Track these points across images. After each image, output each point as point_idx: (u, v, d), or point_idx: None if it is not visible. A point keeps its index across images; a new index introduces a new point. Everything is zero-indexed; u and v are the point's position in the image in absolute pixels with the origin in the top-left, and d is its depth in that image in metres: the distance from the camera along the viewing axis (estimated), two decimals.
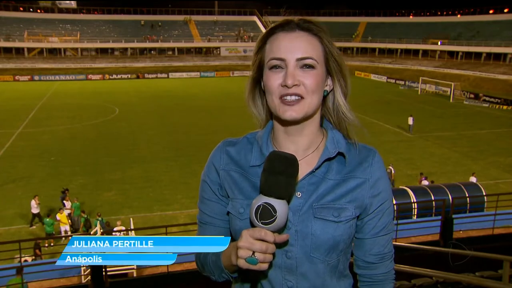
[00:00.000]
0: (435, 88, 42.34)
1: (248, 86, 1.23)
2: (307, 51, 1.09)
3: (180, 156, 19.52)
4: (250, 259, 0.97)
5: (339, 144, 1.18)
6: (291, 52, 1.08)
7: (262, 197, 1.00)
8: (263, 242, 0.98)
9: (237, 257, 1.00)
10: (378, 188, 1.18)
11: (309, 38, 1.10)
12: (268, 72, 1.11)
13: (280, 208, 0.99)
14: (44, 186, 15.93)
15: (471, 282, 4.46)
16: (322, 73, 1.12)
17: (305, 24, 1.11)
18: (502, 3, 55.71)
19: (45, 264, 7.44)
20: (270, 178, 0.99)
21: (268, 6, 73.31)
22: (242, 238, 0.99)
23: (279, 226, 1.00)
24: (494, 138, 23.53)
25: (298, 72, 1.08)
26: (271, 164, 1.00)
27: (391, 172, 15.62)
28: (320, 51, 1.12)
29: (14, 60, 54.19)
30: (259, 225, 0.99)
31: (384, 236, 1.22)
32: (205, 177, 1.26)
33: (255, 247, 0.97)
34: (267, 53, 1.12)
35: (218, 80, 51.88)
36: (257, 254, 0.97)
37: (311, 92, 1.09)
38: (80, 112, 30.36)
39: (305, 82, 1.08)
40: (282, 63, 1.09)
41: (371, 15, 70.49)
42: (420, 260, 6.44)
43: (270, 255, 0.99)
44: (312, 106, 1.11)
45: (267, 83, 1.12)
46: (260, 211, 0.99)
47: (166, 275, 7.22)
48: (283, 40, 1.10)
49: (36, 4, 64.81)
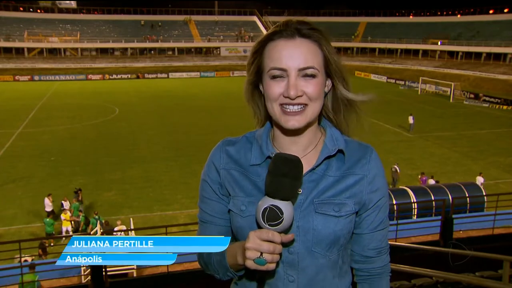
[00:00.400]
0: (435, 88, 42.35)
1: (246, 89, 1.24)
2: (308, 61, 1.09)
3: (180, 156, 19.53)
4: (258, 260, 0.99)
5: (338, 142, 1.20)
6: (292, 61, 1.08)
7: (268, 199, 1.02)
8: (271, 243, 1.00)
9: (244, 258, 1.02)
10: (376, 184, 1.21)
11: (309, 46, 1.11)
12: (269, 81, 1.12)
13: (286, 209, 1.01)
14: (44, 186, 15.92)
15: (471, 282, 4.46)
16: (322, 80, 1.14)
17: (305, 31, 1.11)
18: (502, 3, 55.75)
19: (45, 264, 7.44)
20: (275, 180, 1.01)
21: (268, 6, 73.37)
22: (249, 239, 1.01)
23: (286, 227, 1.02)
24: (494, 138, 23.54)
25: (300, 82, 1.09)
26: (276, 167, 1.02)
27: (396, 171, 15.79)
28: (320, 58, 1.12)
29: (14, 60, 54.20)
30: (266, 227, 1.01)
31: (381, 230, 1.25)
32: (205, 176, 1.27)
33: (263, 248, 0.99)
34: (267, 61, 1.12)
35: (218, 80, 51.88)
36: (265, 255, 0.99)
37: (314, 99, 1.11)
38: (80, 112, 30.36)
39: (307, 91, 1.09)
40: (283, 73, 1.09)
41: (371, 15, 70.51)
42: (420, 260, 6.44)
43: (277, 255, 1.01)
44: (315, 113, 1.13)
45: (267, 91, 1.12)
46: (267, 213, 1.00)
47: (166, 275, 7.22)
48: (283, 49, 1.10)
49: (36, 4, 64.82)
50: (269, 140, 1.22)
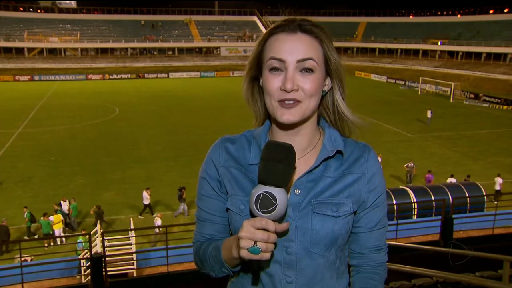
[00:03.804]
0: (435, 88, 42.36)
1: (245, 83, 1.23)
2: (308, 52, 1.09)
3: (180, 156, 19.53)
4: (252, 249, 0.97)
5: (337, 142, 1.20)
6: (291, 54, 1.08)
7: (261, 186, 1.00)
8: (265, 231, 0.98)
9: (238, 248, 1.00)
10: (374, 183, 1.21)
11: (310, 41, 1.11)
12: (268, 73, 1.11)
13: (280, 196, 0.99)
14: (44, 186, 15.93)
15: (471, 282, 4.46)
16: (321, 76, 1.13)
17: (307, 26, 1.11)
18: (502, 3, 55.77)
19: (45, 264, 7.43)
20: (268, 167, 0.99)
21: (268, 6, 73.34)
22: (243, 228, 0.99)
23: (280, 214, 1.00)
24: (494, 138, 23.54)
25: (297, 77, 1.09)
26: (268, 153, 1.00)
27: (412, 168, 16.43)
28: (320, 54, 1.12)
29: (14, 60, 54.20)
30: (259, 215, 0.99)
31: (379, 229, 1.25)
32: (204, 173, 1.25)
33: (257, 236, 0.97)
34: (267, 52, 1.12)
35: (218, 80, 51.88)
36: (259, 244, 0.97)
37: (309, 96, 1.10)
38: (80, 112, 30.37)
39: (304, 87, 1.09)
40: (281, 64, 1.09)
41: (371, 15, 70.55)
42: (420, 260, 6.44)
43: (271, 244, 0.99)
44: (310, 109, 1.12)
45: (266, 84, 1.12)
46: (260, 200, 0.98)
47: (166, 275, 7.21)
48: (284, 41, 1.10)
49: (36, 4, 64.83)
50: (268, 139, 1.21)
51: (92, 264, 6.88)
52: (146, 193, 13.53)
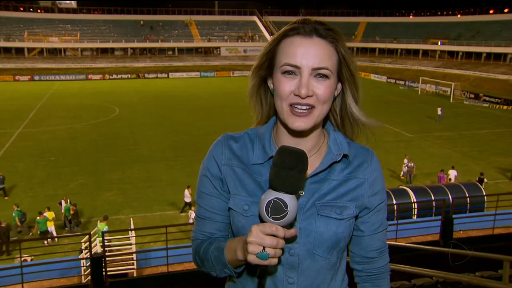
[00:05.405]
0: (435, 88, 42.34)
1: (253, 80, 1.22)
2: (323, 61, 1.07)
3: (180, 156, 19.53)
4: (261, 255, 0.97)
5: (342, 146, 1.19)
6: (306, 60, 1.06)
7: (272, 192, 0.99)
8: (274, 237, 0.98)
9: (245, 252, 1.00)
10: (377, 187, 1.22)
11: (325, 46, 1.09)
12: (281, 76, 1.09)
13: (291, 203, 0.98)
14: (44, 186, 15.93)
15: (471, 282, 4.46)
16: (334, 83, 1.12)
17: (323, 31, 1.09)
18: (502, 3, 55.73)
19: (45, 264, 7.43)
20: (280, 173, 0.98)
21: (268, 6, 73.21)
22: (252, 233, 0.98)
23: (289, 221, 1.00)
24: (494, 138, 23.53)
25: (312, 82, 1.07)
26: (282, 159, 0.99)
27: (412, 168, 16.36)
28: (334, 61, 1.11)
29: (14, 60, 54.18)
30: (269, 221, 0.99)
31: (381, 232, 1.27)
32: (206, 171, 1.23)
33: (266, 242, 0.97)
34: (281, 56, 1.10)
35: (218, 80, 51.87)
36: (267, 249, 0.97)
37: (323, 102, 1.09)
38: (80, 112, 30.36)
39: (318, 93, 1.08)
40: (296, 70, 1.07)
41: (371, 15, 70.50)
42: (420, 260, 6.44)
43: (280, 250, 0.99)
44: (322, 116, 1.12)
45: (278, 87, 1.10)
46: (271, 207, 0.98)
47: (166, 275, 7.21)
48: (299, 46, 1.08)
49: (36, 4, 64.78)
50: (272, 139, 1.20)
51: (92, 264, 6.88)
52: (188, 191, 13.64)
